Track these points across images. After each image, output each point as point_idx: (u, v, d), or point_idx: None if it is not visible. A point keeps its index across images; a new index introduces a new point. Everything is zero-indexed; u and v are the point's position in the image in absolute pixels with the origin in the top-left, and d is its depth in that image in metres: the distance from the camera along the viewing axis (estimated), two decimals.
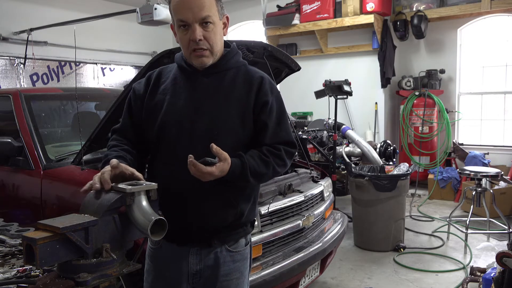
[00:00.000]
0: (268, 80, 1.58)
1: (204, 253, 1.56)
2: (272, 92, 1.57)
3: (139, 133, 1.60)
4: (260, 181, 1.55)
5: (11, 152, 2.90)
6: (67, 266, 1.15)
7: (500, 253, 2.12)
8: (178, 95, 1.54)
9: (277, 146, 1.53)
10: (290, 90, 7.24)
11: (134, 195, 1.26)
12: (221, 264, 1.56)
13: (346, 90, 5.16)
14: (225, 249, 1.57)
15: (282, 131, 1.56)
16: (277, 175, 1.59)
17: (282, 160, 1.53)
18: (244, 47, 3.00)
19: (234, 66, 1.58)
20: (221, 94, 1.53)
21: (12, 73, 7.18)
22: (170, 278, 1.58)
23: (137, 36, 8.60)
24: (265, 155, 1.50)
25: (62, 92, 3.69)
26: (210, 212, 1.51)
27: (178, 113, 1.52)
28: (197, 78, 1.55)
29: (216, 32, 1.49)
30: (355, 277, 3.71)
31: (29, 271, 1.39)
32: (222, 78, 1.55)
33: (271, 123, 1.53)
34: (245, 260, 1.64)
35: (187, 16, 1.44)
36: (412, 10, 6.74)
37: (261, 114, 1.53)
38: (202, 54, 1.48)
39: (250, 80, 1.56)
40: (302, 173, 3.29)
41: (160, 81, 1.61)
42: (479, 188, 4.47)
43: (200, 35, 1.45)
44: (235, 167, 1.42)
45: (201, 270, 1.56)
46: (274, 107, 1.55)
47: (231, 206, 1.53)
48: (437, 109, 6.60)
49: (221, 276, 1.57)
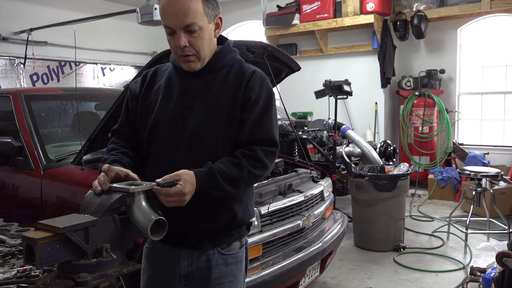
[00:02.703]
0: (259, 75, 1.53)
1: (195, 255, 1.54)
2: (261, 87, 1.51)
3: (137, 133, 1.59)
4: (237, 186, 1.45)
5: (11, 152, 2.90)
6: (67, 266, 1.15)
7: (500, 253, 2.12)
8: (170, 94, 1.54)
9: (251, 147, 1.45)
10: (290, 90, 7.24)
11: (134, 195, 1.26)
12: (213, 266, 1.53)
13: (346, 90, 5.16)
14: (217, 251, 1.54)
15: (261, 127, 1.48)
16: (258, 178, 1.48)
17: (259, 161, 1.44)
18: (244, 47, 3.00)
19: (228, 64, 1.55)
20: (212, 94, 1.51)
21: (12, 73, 7.18)
22: (164, 279, 1.57)
23: (137, 36, 8.60)
24: (236, 158, 1.43)
25: (62, 92, 3.69)
26: (202, 214, 1.49)
27: (169, 113, 1.51)
28: (190, 78, 1.54)
29: (203, 37, 1.45)
30: (355, 277, 3.71)
31: (29, 271, 1.39)
32: (214, 77, 1.53)
33: (251, 118, 1.47)
34: (239, 263, 1.60)
35: (172, 23, 1.42)
36: (412, 10, 6.74)
37: (242, 110, 1.48)
38: (188, 60, 1.47)
39: (241, 77, 1.51)
40: (302, 173, 3.29)
41: (155, 80, 1.60)
42: (479, 188, 4.47)
43: (184, 41, 1.43)
44: (202, 176, 1.36)
45: (193, 272, 1.54)
46: (258, 102, 1.49)
47: (223, 208, 1.51)
48: (437, 109, 6.60)
49: (213, 279, 1.53)
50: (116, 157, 1.48)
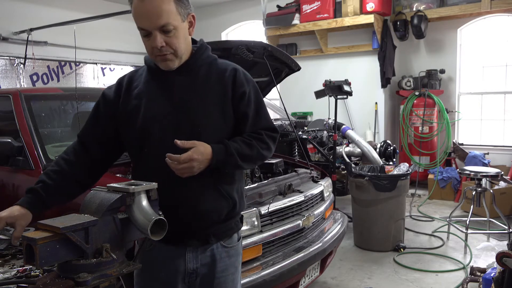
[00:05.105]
0: (242, 71, 1.60)
1: (200, 251, 1.56)
2: (248, 82, 1.58)
3: (102, 140, 1.59)
4: (249, 163, 1.56)
5: (11, 152, 2.89)
6: (67, 266, 1.15)
7: (500, 253, 2.13)
8: (155, 97, 1.54)
9: (258, 131, 1.56)
10: (290, 90, 7.24)
11: (134, 195, 1.26)
12: (218, 260, 1.58)
13: (346, 90, 5.16)
14: (220, 245, 1.59)
15: (262, 119, 1.59)
16: (263, 158, 1.59)
17: (265, 143, 1.55)
18: (244, 47, 3.00)
19: (206, 62, 1.58)
20: (198, 91, 1.53)
21: (12, 73, 7.18)
22: (166, 279, 1.57)
23: (137, 36, 8.27)
24: (247, 138, 1.53)
25: (62, 92, 3.69)
26: (206, 208, 1.52)
27: (159, 115, 1.51)
28: (170, 78, 1.54)
29: (179, 36, 1.47)
30: (355, 277, 3.71)
31: (29, 271, 1.39)
32: (196, 74, 1.55)
33: (251, 112, 1.56)
34: (238, 255, 1.68)
35: (146, 25, 1.44)
36: (412, 10, 6.74)
37: (240, 105, 1.55)
38: (166, 58, 1.48)
39: (223, 73, 1.56)
40: (302, 173, 3.29)
41: (132, 85, 1.59)
42: (479, 188, 4.47)
43: (161, 42, 1.44)
44: (218, 150, 1.44)
45: (198, 268, 1.57)
46: (252, 97, 1.57)
47: (224, 198, 1.55)
48: (437, 109, 6.60)
49: (217, 272, 1.58)
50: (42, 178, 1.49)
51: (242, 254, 1.76)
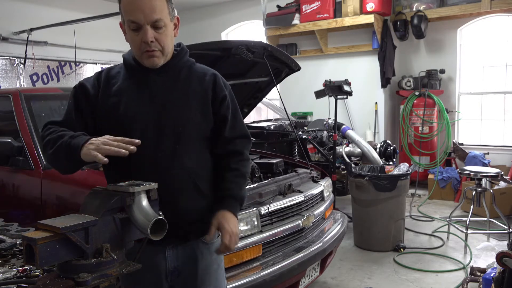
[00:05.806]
0: (220, 76, 1.66)
1: (180, 249, 1.57)
2: (226, 87, 1.66)
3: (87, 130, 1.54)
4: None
5: (11, 152, 2.90)
6: (67, 266, 1.15)
7: (500, 253, 2.13)
8: (135, 95, 1.54)
9: (234, 142, 1.64)
10: (290, 90, 7.24)
11: (134, 195, 1.27)
12: (199, 257, 1.59)
13: (346, 90, 5.16)
14: (201, 242, 1.60)
15: (239, 123, 1.67)
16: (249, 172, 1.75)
17: (246, 160, 1.69)
18: (244, 47, 3.00)
19: (186, 65, 1.62)
20: (180, 91, 1.56)
21: (12, 73, 7.18)
22: (149, 279, 1.57)
23: None
24: (236, 170, 1.63)
25: (62, 92, 3.68)
26: (185, 206, 1.54)
27: (141, 113, 1.51)
28: (151, 77, 1.55)
29: (168, 34, 1.51)
30: (355, 277, 3.71)
31: (29, 271, 1.39)
32: (177, 75, 1.58)
33: (229, 116, 1.63)
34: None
35: (139, 18, 1.45)
36: (412, 10, 6.74)
37: (220, 108, 1.61)
38: (153, 55, 1.49)
39: (203, 77, 1.61)
40: (302, 173, 3.29)
41: (110, 82, 1.58)
42: (479, 188, 4.47)
43: (151, 36, 1.46)
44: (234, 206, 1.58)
45: (179, 266, 1.57)
46: (229, 102, 1.64)
47: (203, 197, 1.58)
48: (437, 109, 6.59)
49: (200, 269, 1.59)
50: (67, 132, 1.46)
51: (242, 254, 1.76)
